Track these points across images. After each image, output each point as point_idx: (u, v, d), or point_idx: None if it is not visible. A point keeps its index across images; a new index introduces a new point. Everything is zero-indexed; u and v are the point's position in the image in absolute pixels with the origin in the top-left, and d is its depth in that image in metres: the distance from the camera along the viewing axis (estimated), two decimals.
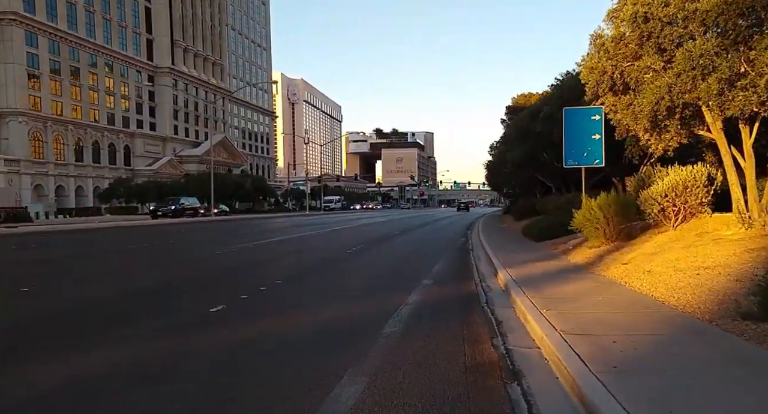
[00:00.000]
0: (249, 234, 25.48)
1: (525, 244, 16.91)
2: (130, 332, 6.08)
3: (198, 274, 11.76)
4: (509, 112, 69.22)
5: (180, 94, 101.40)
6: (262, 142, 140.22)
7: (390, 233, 25.34)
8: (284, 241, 21.18)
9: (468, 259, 14.13)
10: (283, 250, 17.33)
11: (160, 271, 12.40)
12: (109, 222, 41.91)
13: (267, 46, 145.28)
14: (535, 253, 13.71)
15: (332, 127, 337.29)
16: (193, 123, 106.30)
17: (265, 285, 9.46)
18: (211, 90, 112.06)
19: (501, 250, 14.84)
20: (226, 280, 10.79)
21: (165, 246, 19.93)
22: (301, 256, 15.43)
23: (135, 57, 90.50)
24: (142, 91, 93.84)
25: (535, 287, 8.11)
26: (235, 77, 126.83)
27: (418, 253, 16.06)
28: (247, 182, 68.87)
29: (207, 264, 13.89)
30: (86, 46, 79.26)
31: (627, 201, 11.86)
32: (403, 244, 19.36)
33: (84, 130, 79.03)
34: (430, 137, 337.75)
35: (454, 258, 14.53)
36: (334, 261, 13.88)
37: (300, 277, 10.76)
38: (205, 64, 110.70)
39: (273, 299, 8.47)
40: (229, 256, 15.35)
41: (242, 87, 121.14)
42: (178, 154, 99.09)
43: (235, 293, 8.63)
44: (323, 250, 17.73)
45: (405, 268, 12.42)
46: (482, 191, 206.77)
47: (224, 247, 18.89)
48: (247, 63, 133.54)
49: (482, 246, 16.93)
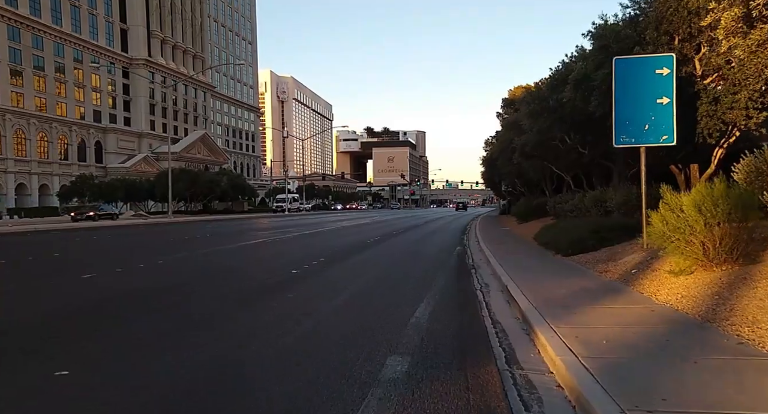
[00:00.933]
0: (157, 246, 20.45)
1: (549, 261, 12.00)
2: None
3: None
4: (506, 105, 64.85)
5: (157, 88, 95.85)
6: (247, 140, 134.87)
7: (366, 240, 20.42)
8: (208, 255, 15.63)
9: (471, 289, 9.20)
10: (183, 276, 12.29)
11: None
12: (22, 225, 36.64)
13: (252, 40, 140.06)
14: (577, 280, 8.78)
15: (323, 125, 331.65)
16: (171, 118, 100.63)
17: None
18: (192, 84, 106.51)
19: (519, 270, 9.96)
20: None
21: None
22: (184, 296, 8.78)
23: (107, 47, 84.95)
24: (116, 84, 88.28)
25: (653, 391, 3.22)
26: (217, 71, 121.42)
27: (393, 279, 10.38)
28: (223, 180, 63.50)
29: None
30: (51, 34, 73.62)
31: (746, 197, 6.98)
32: (375, 259, 14.35)
33: (49, 124, 73.40)
34: (422, 136, 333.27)
35: (448, 287, 9.45)
36: (250, 297, 8.89)
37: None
38: (185, 56, 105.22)
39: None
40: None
41: (218, 65, 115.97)
42: (155, 151, 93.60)
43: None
44: (252, 272, 12.71)
45: (362, 316, 6.87)
46: (474, 191, 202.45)
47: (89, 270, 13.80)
48: (231, 57, 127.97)
49: (489, 262, 12.06)
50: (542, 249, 14.30)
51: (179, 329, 6.19)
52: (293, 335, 5.81)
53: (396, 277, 10.48)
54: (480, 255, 14.44)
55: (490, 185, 51.90)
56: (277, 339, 5.61)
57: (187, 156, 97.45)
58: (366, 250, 16.40)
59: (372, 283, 9.89)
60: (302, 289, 9.29)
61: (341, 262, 13.35)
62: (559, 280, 8.80)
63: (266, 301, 8.11)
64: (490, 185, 51.90)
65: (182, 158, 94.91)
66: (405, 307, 7.31)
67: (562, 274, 9.65)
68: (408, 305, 7.42)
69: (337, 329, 6.12)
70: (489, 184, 51.84)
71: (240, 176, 74.43)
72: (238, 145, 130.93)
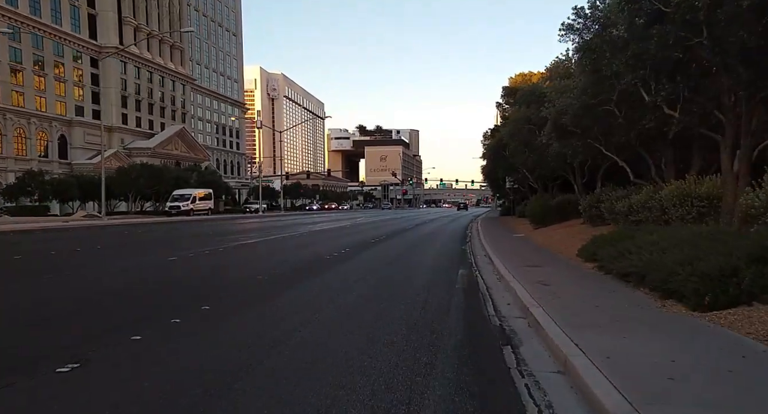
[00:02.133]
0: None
1: (682, 329, 5.63)
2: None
3: None
4: (506, 94, 59.30)
5: (130, 79, 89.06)
6: (231, 136, 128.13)
7: (328, 255, 14.13)
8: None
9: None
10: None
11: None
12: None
13: (237, 32, 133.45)
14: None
15: (314, 124, 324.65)
16: (146, 112, 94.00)
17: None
18: (169, 76, 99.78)
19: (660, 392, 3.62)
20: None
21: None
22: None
23: (72, 33, 78.08)
24: (83, 74, 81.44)
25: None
26: (199, 63, 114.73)
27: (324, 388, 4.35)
28: (192, 177, 56.91)
29: None
30: (5, 16, 66.77)
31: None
32: (314, 307, 8.08)
33: (2, 115, 66.55)
34: (416, 135, 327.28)
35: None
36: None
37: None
38: (162, 46, 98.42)
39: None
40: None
41: (189, 28, 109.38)
42: (127, 146, 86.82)
43: None
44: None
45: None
46: (469, 190, 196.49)
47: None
48: (214, 48, 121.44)
49: (537, 329, 5.75)
50: (621, 284, 8.01)
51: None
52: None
53: (344, 362, 4.33)
54: (505, 295, 8.20)
55: (490, 181, 45.59)
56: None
57: (162, 152, 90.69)
58: (315, 278, 10.15)
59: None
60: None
61: (250, 308, 7.08)
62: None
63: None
64: (490, 181, 45.59)
65: (157, 154, 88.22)
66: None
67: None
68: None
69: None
70: (490, 181, 45.52)
71: (214, 173, 67.84)
72: (222, 142, 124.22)
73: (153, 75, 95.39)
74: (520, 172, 26.53)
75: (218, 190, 64.89)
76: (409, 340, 5.54)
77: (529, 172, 24.79)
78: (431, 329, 6.00)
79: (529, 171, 24.43)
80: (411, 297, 8.00)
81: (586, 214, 17.04)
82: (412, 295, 8.20)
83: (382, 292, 8.45)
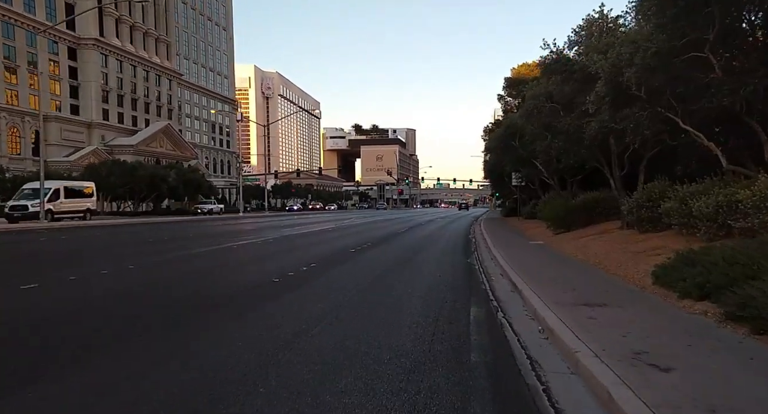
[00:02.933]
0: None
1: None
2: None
3: None
4: (509, 85, 55.46)
5: (111, 73, 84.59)
6: (222, 134, 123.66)
7: (278, 276, 9.85)
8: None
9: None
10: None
11: None
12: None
13: (228, 27, 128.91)
14: None
15: (310, 123, 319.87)
16: (129, 108, 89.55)
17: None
18: (154, 70, 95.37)
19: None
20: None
21: None
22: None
23: (48, 23, 73.54)
24: (61, 66, 76.97)
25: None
26: (187, 58, 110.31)
27: None
28: (170, 175, 52.52)
29: None
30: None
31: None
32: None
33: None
34: (412, 134, 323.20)
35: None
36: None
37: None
38: (146, 39, 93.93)
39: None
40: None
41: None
42: (108, 144, 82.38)
43: None
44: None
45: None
46: (466, 190, 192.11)
47: None
48: (203, 43, 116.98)
49: None
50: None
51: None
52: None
53: None
54: (576, 392, 3.90)
55: (493, 179, 41.20)
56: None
57: (146, 150, 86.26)
58: (241, 314, 5.93)
59: None
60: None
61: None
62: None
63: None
64: (493, 179, 41.20)
65: (140, 152, 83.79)
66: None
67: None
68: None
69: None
70: (492, 178, 41.15)
71: (196, 171, 63.37)
72: (213, 140, 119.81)
73: (137, 69, 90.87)
74: (533, 165, 22.24)
75: (200, 189, 60.52)
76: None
77: (546, 165, 20.52)
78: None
79: (546, 163, 20.15)
80: (380, 402, 3.74)
81: (631, 217, 12.80)
82: (384, 391, 3.93)
83: (325, 383, 4.16)
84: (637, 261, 9.29)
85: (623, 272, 8.73)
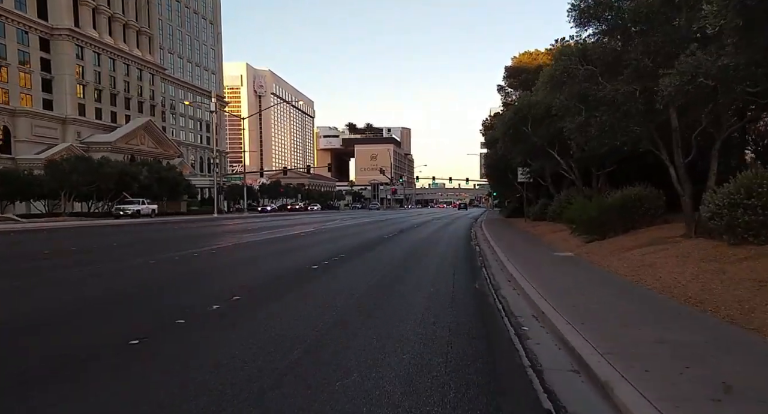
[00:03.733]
0: None
1: None
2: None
3: None
4: (510, 75, 51.45)
5: (88, 66, 79.96)
6: (208, 132, 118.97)
7: (168, 323, 5.66)
8: None
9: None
10: None
11: None
12: None
13: (215, 21, 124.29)
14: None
15: (304, 122, 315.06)
16: (108, 103, 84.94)
17: None
18: (135, 64, 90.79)
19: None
20: None
21: None
22: None
23: (16, 11, 68.97)
24: (31, 58, 72.32)
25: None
26: (171, 52, 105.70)
27: None
28: (141, 173, 48.12)
29: None
30: None
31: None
32: None
33: None
34: (407, 133, 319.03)
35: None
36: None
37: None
38: (127, 31, 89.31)
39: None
40: None
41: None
42: (84, 140, 77.73)
43: None
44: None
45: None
46: (462, 190, 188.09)
47: None
48: (188, 37, 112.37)
49: None
50: None
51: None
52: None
53: None
54: None
55: (496, 174, 36.79)
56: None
57: (125, 147, 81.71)
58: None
59: None
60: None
61: None
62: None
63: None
64: (496, 174, 36.79)
65: (119, 149, 79.24)
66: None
67: None
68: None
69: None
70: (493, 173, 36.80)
71: (173, 169, 58.99)
72: (198, 138, 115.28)
73: (116, 62, 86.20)
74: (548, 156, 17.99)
75: (177, 188, 56.11)
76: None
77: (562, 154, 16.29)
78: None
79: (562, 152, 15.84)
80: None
81: (717, 222, 8.67)
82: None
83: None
84: (761, 295, 5.13)
85: (761, 323, 4.61)
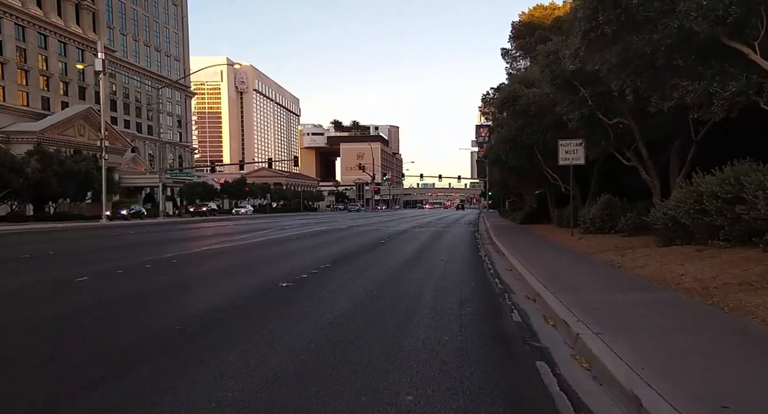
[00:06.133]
0: None
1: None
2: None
3: None
4: (518, 34, 40.08)
5: (8, 41, 67.34)
6: (171, 126, 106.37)
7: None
8: None
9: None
10: None
11: None
12: None
13: (179, 2, 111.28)
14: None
15: (288, 120, 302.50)
16: (37, 86, 72.30)
17: None
18: (74, 43, 78.24)
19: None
20: None
21: None
22: None
23: None
24: None
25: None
26: (123, 33, 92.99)
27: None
28: (29, 164, 35.93)
29: None
30: None
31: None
32: None
33: None
34: (395, 131, 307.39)
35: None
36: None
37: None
38: (63, 3, 76.66)
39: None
40: None
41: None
42: (3, 129, 65.04)
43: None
44: None
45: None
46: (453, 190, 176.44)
47: None
48: (146, 17, 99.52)
49: None
50: None
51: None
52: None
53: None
54: None
55: (504, 159, 24.50)
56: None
57: (57, 138, 68.97)
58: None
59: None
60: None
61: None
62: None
63: None
64: (504, 159, 24.50)
65: (49, 141, 66.58)
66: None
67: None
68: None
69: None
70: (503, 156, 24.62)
71: (90, 161, 46.64)
72: (160, 131, 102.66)
73: (48, 39, 73.62)
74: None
75: (90, 185, 43.78)
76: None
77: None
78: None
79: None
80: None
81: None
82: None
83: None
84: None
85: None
